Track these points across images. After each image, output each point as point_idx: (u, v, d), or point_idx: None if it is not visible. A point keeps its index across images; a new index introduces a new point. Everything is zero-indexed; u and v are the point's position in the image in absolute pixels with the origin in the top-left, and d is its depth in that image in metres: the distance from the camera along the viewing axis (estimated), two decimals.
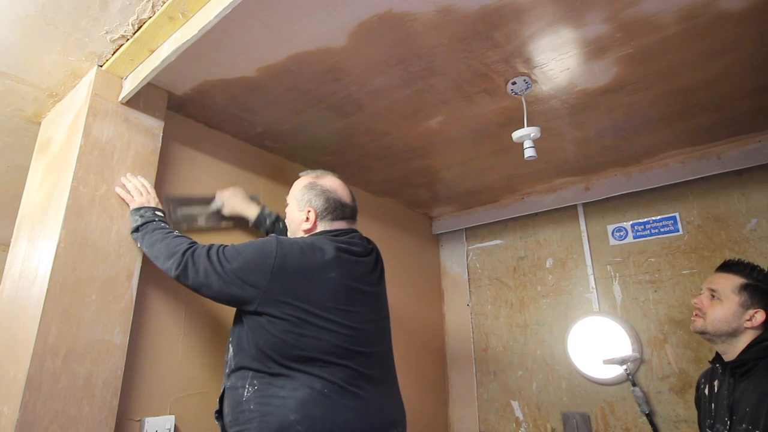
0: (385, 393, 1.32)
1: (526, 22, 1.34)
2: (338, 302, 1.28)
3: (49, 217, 1.40)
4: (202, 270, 1.27)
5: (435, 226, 3.08)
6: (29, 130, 1.82)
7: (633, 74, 1.58)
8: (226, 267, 1.26)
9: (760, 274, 1.40)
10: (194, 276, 1.28)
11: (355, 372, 1.25)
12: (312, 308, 1.25)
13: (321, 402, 1.18)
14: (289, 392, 1.19)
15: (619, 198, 2.40)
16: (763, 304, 1.36)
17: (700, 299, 1.46)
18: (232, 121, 1.85)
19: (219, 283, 1.26)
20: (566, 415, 2.32)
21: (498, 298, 2.75)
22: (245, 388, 1.23)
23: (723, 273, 1.45)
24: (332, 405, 1.19)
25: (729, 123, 1.91)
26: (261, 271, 1.26)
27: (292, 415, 1.16)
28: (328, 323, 1.25)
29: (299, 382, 1.20)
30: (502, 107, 1.77)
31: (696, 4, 1.28)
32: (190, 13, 1.23)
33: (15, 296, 1.41)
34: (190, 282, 1.29)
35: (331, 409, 1.18)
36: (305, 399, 1.17)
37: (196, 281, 1.28)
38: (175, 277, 1.31)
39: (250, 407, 1.20)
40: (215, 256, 1.29)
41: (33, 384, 1.18)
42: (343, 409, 1.20)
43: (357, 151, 2.12)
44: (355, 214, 1.54)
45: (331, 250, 1.32)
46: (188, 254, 1.30)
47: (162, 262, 1.34)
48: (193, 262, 1.29)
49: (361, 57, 1.47)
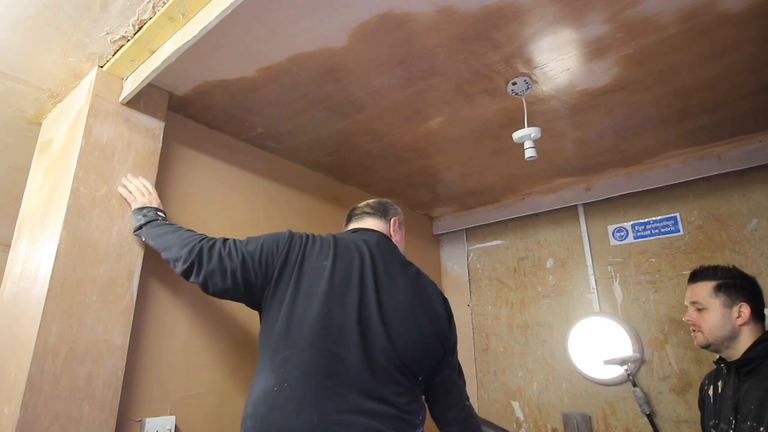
0: (354, 407, 1.14)
1: (526, 22, 1.34)
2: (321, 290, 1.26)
3: (49, 217, 1.40)
4: (216, 256, 1.28)
5: (435, 226, 3.08)
6: (30, 130, 1.83)
7: (633, 74, 1.58)
8: (241, 249, 1.30)
9: (723, 271, 1.45)
10: (208, 263, 1.27)
11: (319, 371, 1.14)
12: (292, 299, 1.25)
13: (268, 400, 1.14)
14: (252, 388, 1.21)
15: (619, 198, 2.40)
16: (742, 297, 1.40)
17: (690, 315, 1.49)
18: (233, 122, 1.85)
19: (232, 269, 1.26)
20: (567, 415, 2.32)
21: (498, 299, 2.75)
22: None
23: (694, 284, 1.50)
24: (275, 405, 1.13)
25: (729, 123, 1.91)
26: (273, 257, 1.29)
27: (249, 408, 1.17)
28: (297, 313, 1.24)
29: (260, 377, 1.20)
30: (502, 108, 1.77)
31: (696, 5, 1.28)
32: (190, 13, 1.23)
33: (16, 297, 1.41)
34: (204, 270, 1.27)
35: (273, 408, 1.13)
36: (259, 394, 1.17)
37: (209, 268, 1.27)
38: (188, 266, 1.29)
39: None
40: (231, 242, 1.32)
41: (34, 384, 1.18)
42: (282, 412, 1.11)
43: (357, 152, 2.12)
44: (361, 213, 1.57)
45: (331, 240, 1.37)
46: (204, 242, 1.31)
47: (174, 251, 1.32)
48: (209, 249, 1.29)
49: (361, 57, 1.47)
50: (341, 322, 1.20)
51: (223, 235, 1.39)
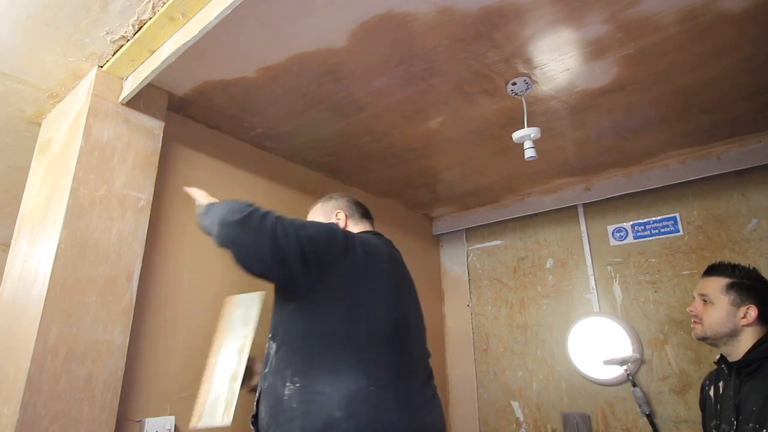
0: (430, 396, 1.27)
1: (526, 22, 1.34)
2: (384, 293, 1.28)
3: (49, 217, 1.40)
4: (269, 224, 1.18)
5: (435, 226, 3.08)
6: (29, 130, 1.82)
7: (633, 75, 1.58)
8: (297, 227, 1.20)
9: (741, 271, 1.44)
10: (257, 227, 1.17)
11: (400, 370, 1.21)
12: (361, 297, 1.23)
13: (367, 399, 1.12)
14: (332, 388, 1.12)
15: (619, 198, 2.40)
16: (752, 299, 1.39)
17: (694, 306, 1.49)
18: (232, 122, 1.85)
19: (284, 241, 1.16)
20: (567, 415, 2.32)
21: (498, 299, 2.75)
22: (285, 386, 1.16)
23: (708, 277, 1.49)
24: (378, 403, 1.13)
25: (729, 123, 1.91)
26: (330, 246, 1.22)
27: (337, 411, 1.09)
28: (373, 313, 1.23)
29: (344, 377, 1.13)
30: (502, 108, 1.77)
31: (696, 5, 1.28)
32: (190, 13, 1.23)
33: (15, 297, 1.41)
34: (251, 231, 1.17)
35: (377, 407, 1.13)
36: (351, 395, 1.11)
37: (259, 231, 1.17)
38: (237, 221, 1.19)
39: (292, 405, 1.13)
40: (289, 219, 1.22)
41: (33, 385, 1.18)
42: (387, 409, 1.14)
43: (357, 152, 2.12)
44: (368, 215, 1.59)
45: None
46: (260, 209, 1.23)
47: (228, 214, 1.22)
48: (263, 214, 1.21)
49: (361, 57, 1.47)
50: (404, 322, 1.30)
51: None
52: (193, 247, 1.70)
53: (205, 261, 1.72)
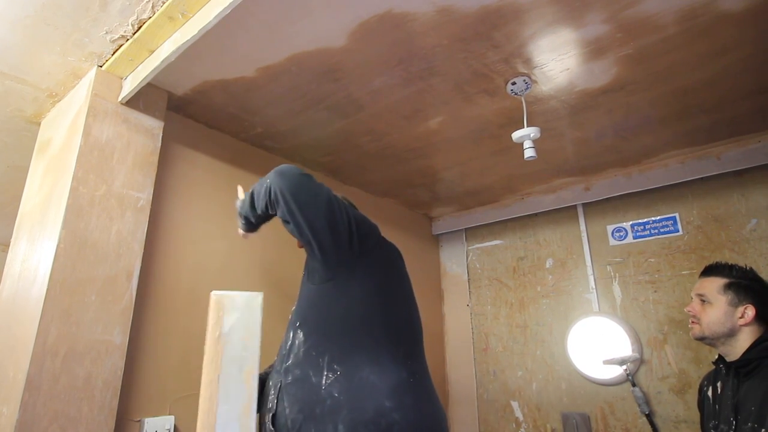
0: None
1: (525, 22, 1.34)
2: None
3: (48, 217, 1.40)
4: (326, 190, 1.22)
5: (435, 226, 3.08)
6: (29, 130, 1.82)
7: (633, 74, 1.58)
8: (347, 205, 1.28)
9: (739, 271, 1.44)
10: (317, 188, 1.19)
11: (425, 364, 1.29)
12: (393, 290, 1.29)
13: (410, 390, 1.14)
14: (378, 378, 1.10)
15: (618, 198, 2.40)
16: (750, 299, 1.39)
17: (692, 306, 1.49)
18: (232, 122, 1.85)
19: (337, 211, 1.20)
20: (566, 415, 2.32)
21: (498, 299, 2.75)
22: (323, 375, 1.10)
23: (706, 277, 1.49)
24: (419, 395, 1.18)
25: (729, 123, 1.91)
26: (371, 234, 1.30)
27: (386, 401, 1.07)
28: (404, 308, 1.30)
29: (387, 368, 1.13)
30: (502, 107, 1.77)
31: (696, 5, 1.28)
32: (189, 13, 1.23)
33: (15, 296, 1.41)
34: (311, 189, 1.19)
35: (419, 399, 1.16)
36: (396, 385, 1.11)
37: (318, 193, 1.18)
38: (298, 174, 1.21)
39: (334, 395, 1.07)
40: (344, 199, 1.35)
41: (32, 384, 1.18)
42: (428, 401, 1.19)
43: (357, 152, 2.12)
44: None
45: None
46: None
47: (284, 169, 1.24)
48: (317, 185, 1.23)
49: (360, 57, 1.47)
50: (420, 319, 1.36)
51: (222, 234, 1.38)
52: (192, 247, 1.69)
53: (205, 260, 1.72)
